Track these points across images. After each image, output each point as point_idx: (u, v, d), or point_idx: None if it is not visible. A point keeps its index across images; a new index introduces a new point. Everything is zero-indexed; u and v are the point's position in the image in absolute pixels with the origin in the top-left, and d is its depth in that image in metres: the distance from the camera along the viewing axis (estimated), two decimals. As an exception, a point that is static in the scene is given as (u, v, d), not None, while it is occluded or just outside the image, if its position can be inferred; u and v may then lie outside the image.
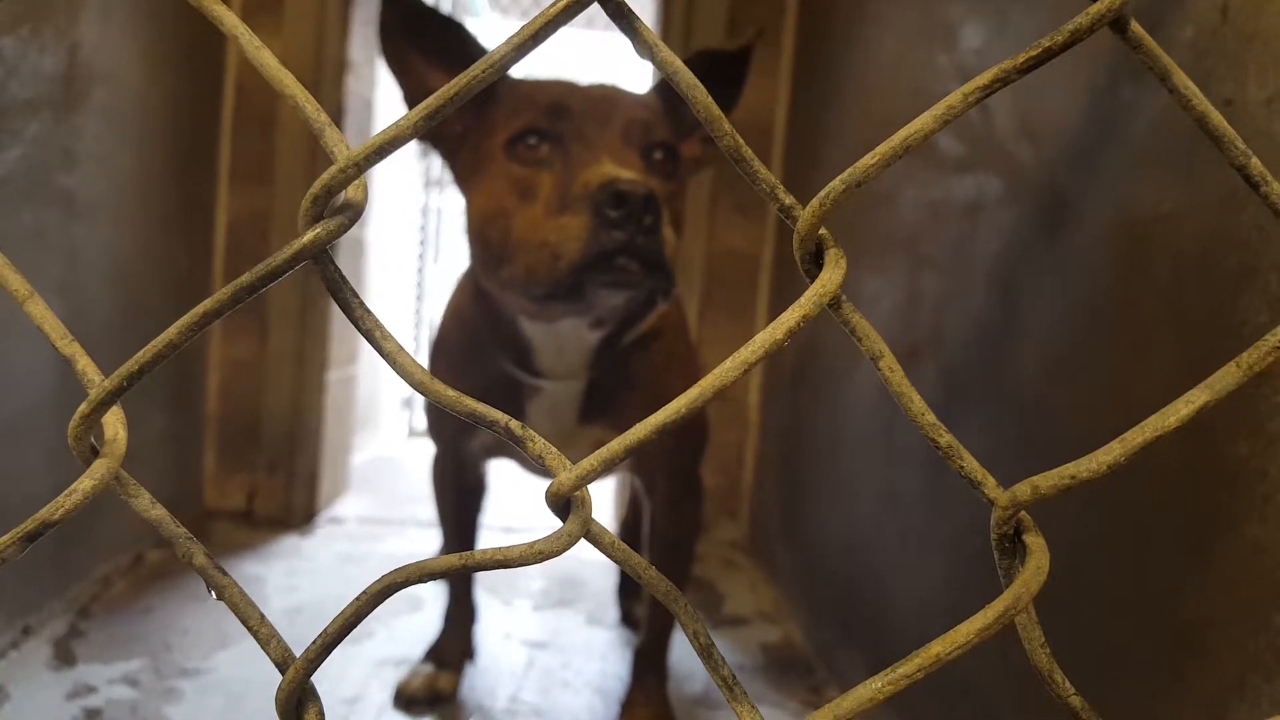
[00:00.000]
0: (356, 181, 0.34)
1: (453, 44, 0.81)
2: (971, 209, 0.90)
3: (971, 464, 0.34)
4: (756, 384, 1.76)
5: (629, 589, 1.37)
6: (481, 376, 0.90)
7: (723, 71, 0.90)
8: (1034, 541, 0.33)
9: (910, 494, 0.98)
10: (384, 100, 1.86)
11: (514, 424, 0.36)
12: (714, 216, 1.75)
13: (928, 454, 0.95)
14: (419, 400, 2.81)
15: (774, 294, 1.74)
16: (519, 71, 0.83)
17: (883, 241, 1.12)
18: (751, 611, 1.43)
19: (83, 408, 0.37)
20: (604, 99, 0.79)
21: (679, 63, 0.34)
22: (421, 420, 2.71)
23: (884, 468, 1.07)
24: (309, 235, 0.34)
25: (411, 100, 0.82)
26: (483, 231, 0.79)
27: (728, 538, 1.78)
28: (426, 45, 0.81)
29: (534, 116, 0.77)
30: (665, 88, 0.86)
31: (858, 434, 1.18)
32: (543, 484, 1.27)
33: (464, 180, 0.83)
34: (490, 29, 3.94)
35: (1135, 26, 0.27)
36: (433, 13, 0.82)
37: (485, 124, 0.81)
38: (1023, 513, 0.33)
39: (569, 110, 0.76)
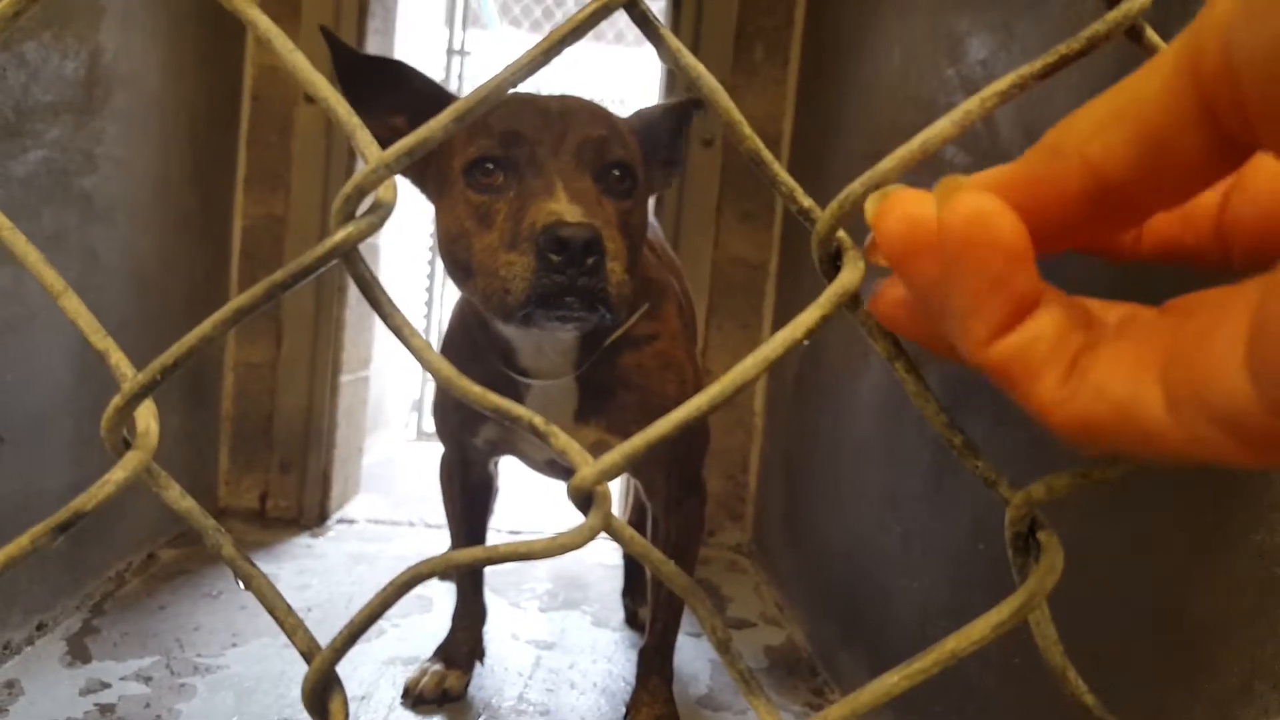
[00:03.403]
0: (387, 182, 0.35)
1: (399, 83, 0.84)
2: (981, 216, 0.91)
3: (985, 464, 0.35)
4: (761, 390, 1.77)
5: (634, 591, 1.38)
6: (481, 376, 0.92)
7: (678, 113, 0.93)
8: (1048, 539, 0.33)
9: (912, 499, 0.99)
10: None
11: (538, 420, 0.37)
12: (720, 225, 1.76)
13: (930, 459, 0.96)
14: (428, 403, 2.82)
15: (779, 302, 1.75)
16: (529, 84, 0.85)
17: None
18: (755, 614, 1.44)
19: (116, 401, 0.38)
20: (560, 117, 0.80)
21: (701, 68, 0.34)
22: (430, 422, 2.72)
23: (886, 473, 1.08)
24: (341, 234, 0.35)
25: (381, 141, 0.83)
26: (449, 251, 0.83)
27: (732, 541, 1.79)
28: (378, 89, 0.84)
29: (489, 144, 0.79)
30: (641, 116, 0.88)
31: (861, 439, 1.18)
32: (547, 485, 1.28)
33: (432, 199, 0.86)
34: (502, 41, 3.97)
35: (1150, 34, 0.28)
36: (369, 59, 0.86)
37: (446, 147, 0.83)
38: (1036, 511, 0.34)
39: (522, 136, 0.78)
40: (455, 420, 1.02)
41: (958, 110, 0.30)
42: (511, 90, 0.36)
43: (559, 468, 1.07)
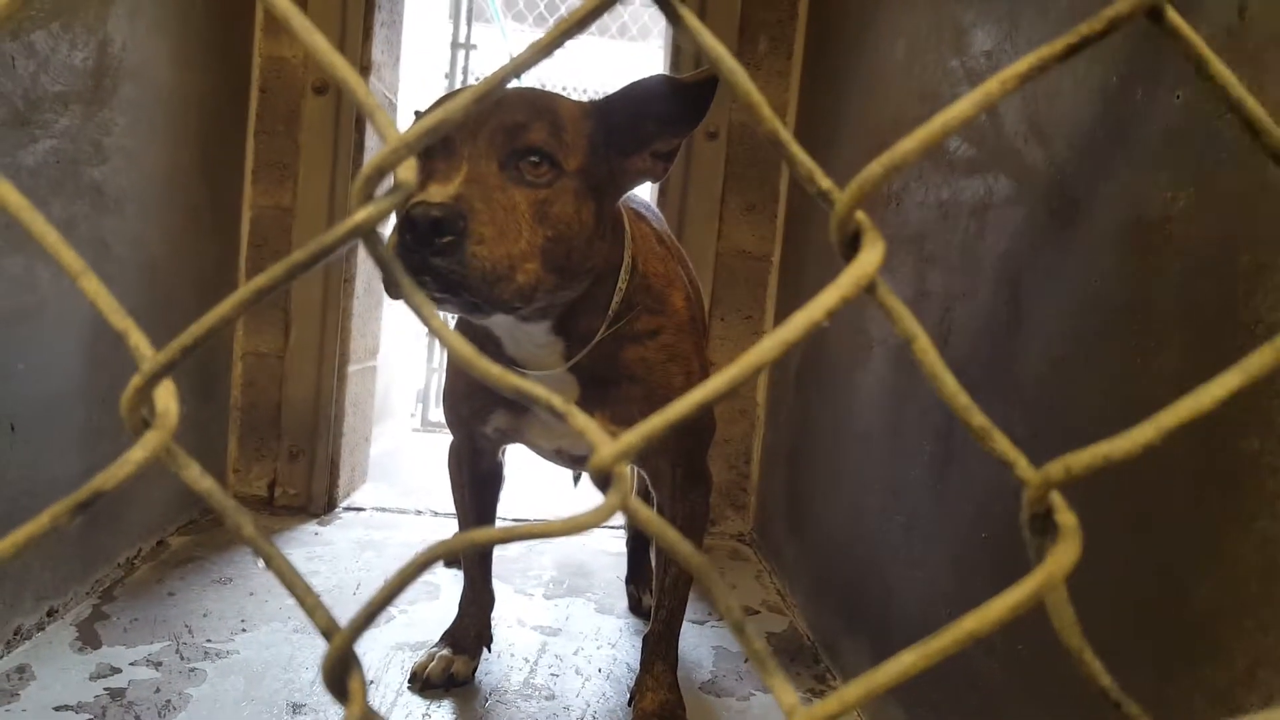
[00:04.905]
0: (407, 162, 0.36)
1: None
2: (980, 209, 0.91)
3: (1004, 444, 0.35)
4: (764, 380, 1.77)
5: (638, 578, 1.39)
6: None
7: (685, 96, 0.87)
8: (1066, 520, 0.33)
9: (914, 487, 0.99)
10: (406, 100, 1.87)
11: (556, 400, 0.37)
12: (724, 217, 1.76)
13: (932, 448, 0.96)
14: (432, 394, 2.83)
15: (782, 293, 1.75)
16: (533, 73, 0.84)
17: (890, 240, 1.13)
18: (758, 602, 1.44)
19: (136, 380, 0.38)
20: (492, 106, 0.78)
21: (721, 48, 0.34)
22: (434, 413, 2.72)
23: (889, 462, 1.08)
24: (361, 214, 0.35)
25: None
26: None
27: (735, 530, 1.79)
28: None
29: None
30: (613, 102, 0.85)
31: (863, 429, 1.18)
32: (553, 473, 1.27)
33: None
34: (506, 35, 3.96)
35: (1171, 14, 0.28)
36: None
37: None
38: (1054, 492, 0.34)
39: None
40: (466, 409, 1.03)
41: (978, 91, 0.30)
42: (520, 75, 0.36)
43: (566, 455, 1.08)
